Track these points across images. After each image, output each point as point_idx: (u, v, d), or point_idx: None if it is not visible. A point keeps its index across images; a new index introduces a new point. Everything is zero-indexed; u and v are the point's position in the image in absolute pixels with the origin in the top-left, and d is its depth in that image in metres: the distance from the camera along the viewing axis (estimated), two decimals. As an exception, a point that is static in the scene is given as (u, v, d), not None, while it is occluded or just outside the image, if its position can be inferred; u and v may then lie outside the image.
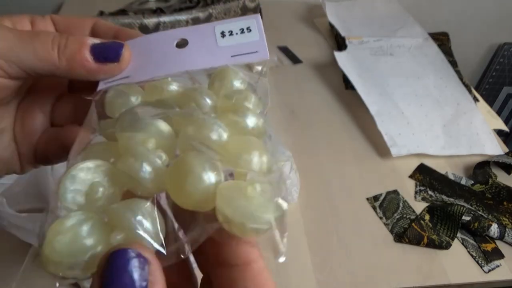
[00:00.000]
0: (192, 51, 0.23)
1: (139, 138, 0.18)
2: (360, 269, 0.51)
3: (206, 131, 0.18)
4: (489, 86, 1.19)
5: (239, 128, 0.20)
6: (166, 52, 0.23)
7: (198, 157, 0.17)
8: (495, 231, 0.54)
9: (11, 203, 0.42)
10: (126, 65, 0.22)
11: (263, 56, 0.23)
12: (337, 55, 0.77)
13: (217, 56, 0.23)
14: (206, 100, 0.22)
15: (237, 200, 0.15)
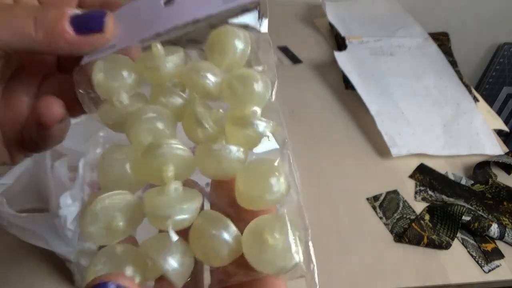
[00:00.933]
0: (180, 4, 0.22)
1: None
2: (360, 269, 0.51)
3: (225, 165, 0.19)
4: (489, 86, 1.19)
5: (251, 142, 0.20)
6: (153, 12, 0.22)
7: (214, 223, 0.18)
8: (495, 231, 0.54)
9: (11, 203, 0.41)
10: (110, 35, 0.21)
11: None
12: (337, 55, 0.77)
13: (208, 4, 0.21)
14: (210, 79, 0.21)
15: (262, 253, 0.16)
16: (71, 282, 0.46)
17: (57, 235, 0.41)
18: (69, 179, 0.45)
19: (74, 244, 0.41)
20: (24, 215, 0.41)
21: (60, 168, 0.45)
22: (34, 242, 0.42)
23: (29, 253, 0.48)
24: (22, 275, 0.47)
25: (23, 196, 0.46)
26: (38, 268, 0.47)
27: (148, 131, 0.19)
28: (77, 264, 0.44)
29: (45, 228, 0.41)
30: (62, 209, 0.40)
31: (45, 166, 0.45)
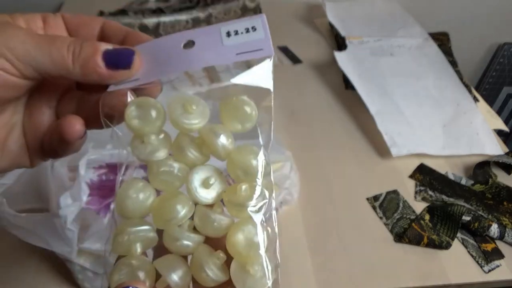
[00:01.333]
0: (198, 51, 0.24)
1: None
2: (360, 269, 0.51)
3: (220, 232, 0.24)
4: (489, 86, 1.19)
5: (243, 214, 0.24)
6: (173, 53, 0.24)
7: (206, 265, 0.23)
8: (495, 231, 0.54)
9: (11, 203, 0.42)
10: (136, 72, 0.24)
11: (268, 53, 0.24)
12: (337, 55, 0.77)
13: (222, 54, 0.24)
14: (222, 142, 0.24)
15: (245, 279, 0.23)
16: (71, 282, 0.46)
17: (57, 235, 0.41)
18: (69, 179, 0.45)
19: (74, 244, 0.41)
20: (24, 215, 0.41)
21: (60, 168, 0.45)
22: (34, 242, 0.42)
23: (29, 253, 0.48)
24: (22, 275, 0.47)
25: (23, 196, 0.46)
26: (38, 268, 0.47)
27: (161, 183, 0.25)
28: (77, 264, 0.44)
29: (45, 228, 0.41)
30: (62, 209, 0.40)
31: (45, 166, 0.45)
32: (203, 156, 0.25)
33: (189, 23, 0.79)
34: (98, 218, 0.42)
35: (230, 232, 0.23)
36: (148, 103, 0.25)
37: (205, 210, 0.24)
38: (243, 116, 0.25)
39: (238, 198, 0.24)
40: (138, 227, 0.24)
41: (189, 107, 0.24)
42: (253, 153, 0.25)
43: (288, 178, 0.55)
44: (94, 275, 0.44)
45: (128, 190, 0.24)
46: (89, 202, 0.44)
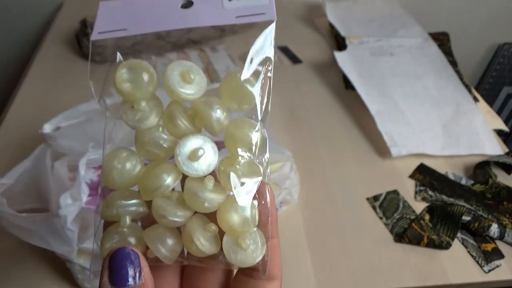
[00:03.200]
0: (196, 10, 0.24)
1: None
2: (360, 269, 0.51)
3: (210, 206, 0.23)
4: (489, 86, 1.19)
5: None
6: (169, 10, 0.23)
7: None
8: (495, 231, 0.54)
9: (11, 203, 0.41)
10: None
11: (270, 17, 0.24)
12: (337, 55, 0.77)
13: (221, 16, 0.23)
14: (218, 115, 0.23)
15: (237, 253, 0.23)
16: (71, 282, 0.46)
17: (57, 235, 0.41)
18: (69, 179, 0.45)
19: (74, 244, 0.41)
20: (24, 215, 0.41)
21: (60, 168, 0.45)
22: (34, 242, 0.42)
23: (29, 253, 0.48)
24: (22, 275, 0.47)
25: (23, 196, 0.46)
26: (38, 268, 0.47)
27: (147, 153, 0.24)
28: (77, 263, 0.44)
29: (45, 228, 0.41)
30: (62, 209, 0.40)
31: (45, 166, 0.45)
32: (195, 128, 0.24)
33: (189, 23, 0.79)
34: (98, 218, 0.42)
35: (222, 208, 0.23)
36: (140, 66, 0.23)
37: (194, 187, 0.23)
38: (241, 96, 0.24)
39: (234, 171, 0.23)
40: (127, 200, 0.23)
41: (187, 76, 0.23)
42: (250, 126, 0.24)
43: (288, 178, 0.55)
44: (94, 275, 0.44)
45: (113, 161, 0.23)
46: (89, 202, 0.44)
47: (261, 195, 0.24)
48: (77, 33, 0.76)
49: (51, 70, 0.75)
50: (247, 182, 0.23)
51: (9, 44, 1.00)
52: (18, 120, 0.65)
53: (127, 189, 0.24)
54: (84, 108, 0.52)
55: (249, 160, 0.23)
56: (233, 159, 0.23)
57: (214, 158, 0.23)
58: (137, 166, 0.24)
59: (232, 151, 0.24)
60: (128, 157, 0.23)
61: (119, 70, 0.23)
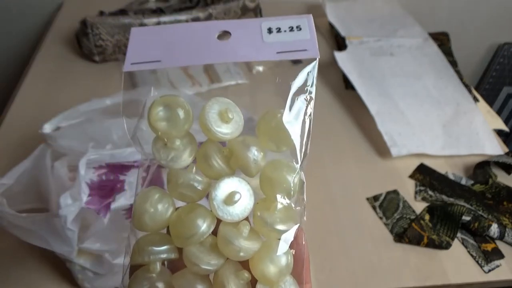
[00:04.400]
0: (234, 43, 0.22)
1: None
2: (360, 269, 0.51)
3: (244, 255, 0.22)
4: (489, 86, 1.19)
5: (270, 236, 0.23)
6: (205, 42, 0.22)
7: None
8: (495, 231, 0.54)
9: (11, 203, 0.41)
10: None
11: (313, 54, 0.23)
12: (337, 55, 0.77)
13: (261, 50, 0.22)
14: (254, 155, 0.23)
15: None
16: (71, 282, 0.46)
17: (57, 235, 0.41)
18: (69, 179, 0.45)
19: (74, 244, 0.41)
20: (24, 215, 0.41)
21: (60, 168, 0.45)
22: (34, 242, 0.42)
23: (29, 253, 0.48)
24: (22, 275, 0.47)
25: (23, 196, 0.46)
26: (38, 268, 0.47)
27: (180, 195, 0.23)
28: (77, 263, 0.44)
29: (45, 228, 0.41)
30: (62, 209, 0.40)
31: (45, 166, 0.45)
32: (230, 169, 0.23)
33: (189, 23, 0.79)
34: (98, 218, 0.42)
35: (257, 257, 0.22)
36: (176, 103, 0.22)
37: (229, 235, 0.21)
38: (281, 138, 0.23)
39: (271, 217, 0.22)
40: (159, 246, 0.22)
41: (226, 115, 0.22)
42: (289, 169, 0.23)
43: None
44: (94, 275, 0.44)
45: (145, 204, 0.22)
46: (89, 202, 0.44)
47: (297, 241, 0.23)
48: (77, 33, 0.76)
49: (51, 70, 0.75)
50: (285, 229, 0.22)
51: (9, 44, 1.00)
52: (18, 120, 0.65)
53: (157, 232, 0.23)
54: (84, 108, 0.52)
55: (287, 205, 0.22)
56: (269, 203, 0.22)
57: (249, 202, 0.22)
58: (170, 208, 0.23)
59: (268, 194, 0.23)
60: (160, 199, 0.23)
61: (155, 107, 0.22)
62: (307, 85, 0.23)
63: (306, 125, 0.23)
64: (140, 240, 0.23)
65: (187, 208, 0.23)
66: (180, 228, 0.22)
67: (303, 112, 0.23)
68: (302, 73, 0.23)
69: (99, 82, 0.72)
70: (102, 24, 0.73)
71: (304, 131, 0.23)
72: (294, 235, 0.22)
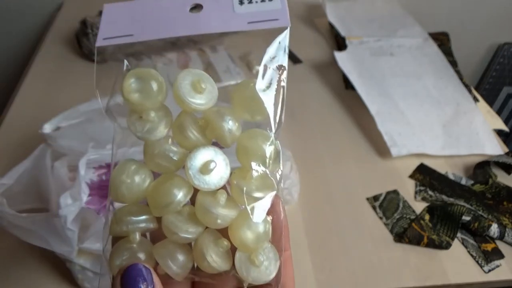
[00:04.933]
0: (205, 15, 0.22)
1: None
2: (360, 269, 0.51)
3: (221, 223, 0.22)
4: (489, 86, 1.19)
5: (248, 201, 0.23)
6: (177, 14, 0.22)
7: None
8: (495, 231, 0.54)
9: (11, 203, 0.41)
10: None
11: (284, 23, 0.22)
12: (337, 55, 0.77)
13: (233, 21, 0.22)
14: (230, 126, 0.23)
15: (250, 270, 0.22)
16: (71, 282, 0.46)
17: (57, 235, 0.41)
18: (69, 179, 0.45)
19: (74, 244, 0.41)
20: (24, 215, 0.41)
21: (60, 168, 0.45)
22: (34, 242, 0.42)
23: (29, 253, 0.48)
24: (22, 275, 0.47)
25: (23, 196, 0.46)
26: (38, 268, 0.47)
27: (156, 166, 0.23)
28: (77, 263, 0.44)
29: (45, 228, 0.41)
30: (62, 209, 0.40)
31: (45, 166, 0.45)
32: (206, 139, 0.23)
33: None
34: (98, 218, 0.42)
35: (235, 225, 0.22)
36: (149, 75, 0.22)
37: (207, 203, 0.22)
38: (255, 107, 0.23)
39: (248, 185, 0.22)
40: (137, 216, 0.22)
41: (199, 85, 0.22)
42: (263, 138, 0.23)
43: (288, 178, 0.54)
44: (94, 275, 0.44)
45: (122, 175, 0.22)
46: (89, 202, 0.44)
47: (274, 209, 0.23)
48: (77, 33, 0.76)
49: (51, 70, 0.75)
50: (261, 196, 0.22)
51: (9, 44, 1.00)
52: (18, 120, 0.65)
53: (136, 203, 0.23)
54: (84, 108, 0.52)
55: (262, 173, 0.22)
56: (245, 171, 0.22)
57: (226, 171, 0.22)
58: (147, 179, 0.23)
59: (244, 163, 0.23)
60: (137, 170, 0.23)
61: (127, 79, 0.22)
62: (278, 55, 0.23)
63: (280, 94, 0.23)
64: (118, 211, 0.23)
65: (164, 178, 0.23)
66: (157, 197, 0.22)
67: (276, 81, 0.23)
68: (273, 43, 0.23)
69: (99, 82, 0.72)
70: (102, 24, 0.73)
71: (278, 100, 0.23)
72: (271, 203, 0.22)
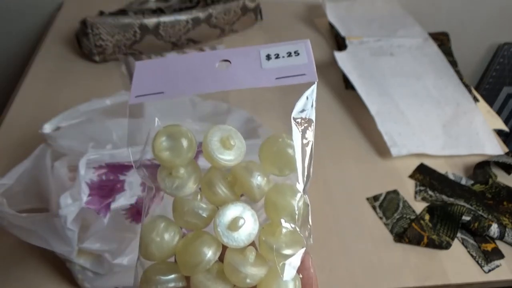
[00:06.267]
0: (234, 71, 0.23)
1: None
2: (360, 269, 0.51)
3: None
4: (489, 86, 1.19)
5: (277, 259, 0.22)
6: (206, 71, 0.23)
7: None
8: (495, 231, 0.54)
9: (11, 203, 0.41)
10: None
11: (311, 79, 0.23)
12: (337, 55, 0.77)
13: (261, 77, 0.23)
14: (258, 181, 0.23)
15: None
16: (71, 282, 0.46)
17: (57, 235, 0.41)
18: (69, 179, 0.45)
19: (74, 244, 0.41)
20: (24, 215, 0.41)
21: (60, 168, 0.45)
22: (34, 242, 0.42)
23: (29, 253, 0.48)
24: (22, 275, 0.47)
25: (23, 196, 0.46)
26: (38, 268, 0.47)
27: (185, 223, 0.23)
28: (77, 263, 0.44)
29: (45, 228, 0.41)
30: (62, 209, 0.40)
31: (45, 166, 0.45)
32: (234, 195, 0.23)
33: (189, 23, 0.79)
34: (98, 218, 0.42)
35: (264, 284, 0.22)
36: (179, 133, 0.23)
37: (236, 261, 0.21)
38: (283, 162, 0.23)
39: (277, 242, 0.22)
40: (166, 275, 0.22)
41: (227, 142, 0.23)
42: (292, 193, 0.23)
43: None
44: (94, 275, 0.44)
45: (151, 233, 0.23)
46: (89, 202, 0.44)
47: (304, 265, 0.22)
48: (77, 33, 0.76)
49: (51, 70, 0.75)
50: (291, 254, 0.22)
51: (9, 44, 1.00)
52: (18, 120, 0.65)
53: (165, 261, 0.23)
54: (84, 108, 0.52)
55: (292, 230, 0.22)
56: (274, 227, 0.22)
57: (254, 227, 0.22)
58: (176, 236, 0.23)
59: (273, 219, 0.23)
60: (166, 228, 0.23)
61: (158, 137, 0.23)
62: (306, 109, 0.24)
63: (308, 148, 0.23)
64: (147, 269, 0.23)
65: (193, 235, 0.23)
66: (186, 256, 0.22)
67: (304, 135, 0.23)
68: (302, 97, 0.23)
69: (99, 82, 0.72)
70: (102, 24, 0.73)
71: (305, 154, 0.23)
72: (301, 259, 0.22)
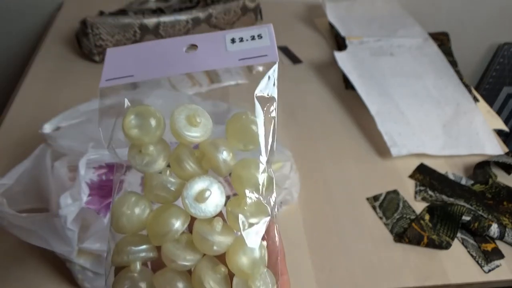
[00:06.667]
0: (200, 55, 0.24)
1: None
2: (360, 269, 0.51)
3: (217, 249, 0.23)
4: (489, 86, 1.19)
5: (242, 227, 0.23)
6: (174, 56, 0.24)
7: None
8: (495, 231, 0.54)
9: (11, 203, 0.41)
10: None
11: (272, 59, 0.24)
12: (337, 55, 0.77)
13: (225, 59, 0.24)
14: (224, 157, 0.24)
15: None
16: (71, 282, 0.46)
17: (57, 235, 0.41)
18: (69, 179, 0.45)
19: (74, 244, 0.41)
20: (24, 215, 0.41)
21: (60, 168, 0.45)
22: (34, 242, 0.42)
23: (29, 253, 0.48)
24: (22, 275, 0.47)
25: (23, 196, 0.46)
26: (38, 268, 0.47)
27: (155, 197, 0.24)
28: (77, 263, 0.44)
29: (45, 228, 0.41)
30: (62, 209, 0.40)
31: (45, 166, 0.45)
32: (202, 170, 0.24)
33: (189, 23, 0.79)
34: (98, 218, 0.42)
35: (231, 250, 0.23)
36: (148, 112, 0.24)
37: (203, 230, 0.23)
38: (247, 137, 0.25)
39: (242, 212, 0.23)
40: (137, 246, 0.23)
41: (194, 120, 0.24)
42: (256, 166, 0.24)
43: (288, 178, 0.54)
44: (94, 275, 0.44)
45: (122, 207, 0.24)
46: (89, 202, 0.44)
47: (269, 234, 0.24)
48: (77, 33, 0.76)
49: (51, 70, 0.75)
50: (255, 222, 0.23)
51: (9, 44, 1.00)
52: (18, 120, 0.65)
53: (136, 233, 0.24)
54: (84, 108, 0.52)
55: (256, 200, 0.24)
56: (240, 199, 0.23)
57: (221, 199, 0.23)
58: (146, 210, 0.24)
59: (239, 191, 0.24)
60: (137, 202, 0.24)
61: (127, 116, 0.24)
62: (268, 87, 0.25)
63: (271, 124, 0.25)
64: (119, 242, 0.24)
65: (162, 208, 0.24)
66: (156, 226, 0.23)
67: (266, 112, 0.25)
68: (264, 77, 0.25)
69: (99, 82, 0.72)
70: (102, 24, 0.73)
71: (268, 129, 0.25)
72: (266, 228, 0.23)
